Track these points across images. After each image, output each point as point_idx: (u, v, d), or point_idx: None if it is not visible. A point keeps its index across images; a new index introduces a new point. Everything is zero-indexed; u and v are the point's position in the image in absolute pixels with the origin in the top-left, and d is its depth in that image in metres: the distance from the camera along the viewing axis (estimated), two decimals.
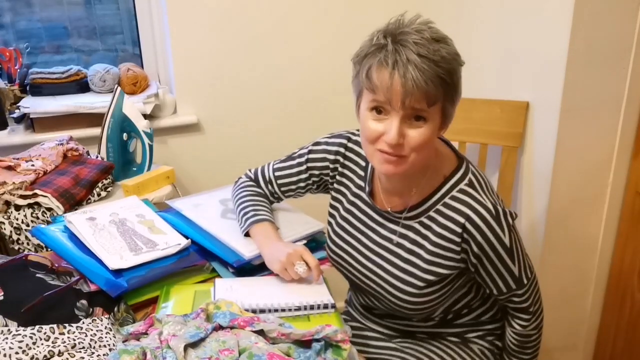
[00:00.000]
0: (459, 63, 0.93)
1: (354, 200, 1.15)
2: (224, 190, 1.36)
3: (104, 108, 1.68)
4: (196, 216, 1.22)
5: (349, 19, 1.98)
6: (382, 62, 0.91)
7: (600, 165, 1.54)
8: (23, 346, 0.80)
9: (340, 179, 1.18)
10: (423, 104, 0.90)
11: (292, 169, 1.22)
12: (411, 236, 1.07)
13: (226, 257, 1.09)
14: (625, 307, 1.63)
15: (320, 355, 0.79)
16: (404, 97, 0.89)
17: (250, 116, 2.01)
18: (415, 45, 0.88)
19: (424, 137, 0.93)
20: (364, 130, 0.99)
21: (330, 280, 1.09)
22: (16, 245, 1.31)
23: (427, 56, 0.88)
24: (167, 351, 0.77)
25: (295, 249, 1.05)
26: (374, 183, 1.12)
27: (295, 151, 1.24)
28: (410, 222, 1.07)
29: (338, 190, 1.19)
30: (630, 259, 1.59)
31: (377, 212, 1.11)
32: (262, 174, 1.26)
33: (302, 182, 1.22)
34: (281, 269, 1.04)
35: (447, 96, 0.93)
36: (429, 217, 1.04)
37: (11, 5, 1.89)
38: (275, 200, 1.28)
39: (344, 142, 1.16)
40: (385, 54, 0.91)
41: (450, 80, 0.91)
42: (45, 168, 1.48)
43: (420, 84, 0.88)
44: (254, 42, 1.92)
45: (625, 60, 1.44)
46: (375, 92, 0.93)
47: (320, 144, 1.20)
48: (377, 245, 1.11)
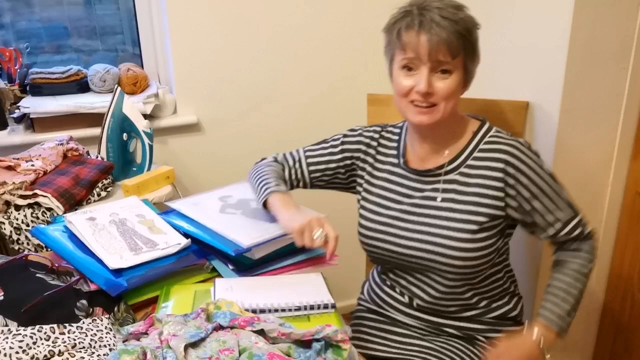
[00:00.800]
0: (475, 25, 1.08)
1: (389, 177, 1.22)
2: (223, 189, 1.36)
3: (104, 108, 1.68)
4: (195, 213, 1.22)
5: (350, 19, 1.99)
6: (409, 24, 1.06)
7: (600, 165, 1.54)
8: (23, 346, 0.80)
9: (373, 162, 1.25)
10: (447, 56, 1.04)
11: (324, 150, 1.29)
12: (455, 188, 1.13)
13: (225, 248, 1.09)
14: (625, 307, 1.63)
15: (321, 355, 0.79)
16: (430, 50, 1.03)
17: (250, 116, 2.01)
18: (437, 9, 1.04)
19: (450, 87, 1.07)
20: (397, 87, 1.12)
21: (331, 280, 1.09)
22: (16, 245, 1.31)
23: (449, 17, 1.03)
24: (167, 351, 0.77)
25: (319, 217, 1.07)
26: (407, 154, 1.21)
27: (328, 138, 1.31)
28: (451, 175, 1.14)
29: (372, 174, 1.25)
30: (630, 259, 1.59)
31: (415, 179, 1.18)
32: (291, 155, 1.31)
33: (333, 163, 1.27)
34: (299, 231, 1.05)
35: (467, 52, 1.07)
36: (469, 166, 1.13)
37: (11, 5, 1.89)
38: (295, 185, 1.30)
39: (379, 129, 1.27)
40: (412, 17, 1.05)
41: (469, 36, 1.06)
42: (45, 168, 1.48)
43: (443, 38, 1.02)
44: (254, 42, 1.92)
45: (625, 60, 1.44)
46: (406, 50, 1.07)
47: (356, 129, 1.29)
48: (421, 208, 1.15)
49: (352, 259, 1.80)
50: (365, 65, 2.06)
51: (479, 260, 1.12)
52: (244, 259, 1.11)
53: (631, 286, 1.60)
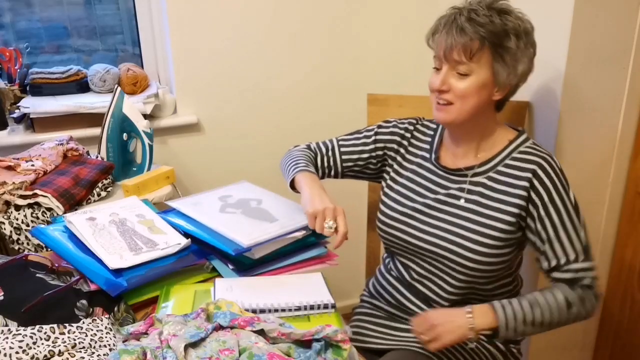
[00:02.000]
0: (515, 31, 1.06)
1: (417, 169, 1.23)
2: (223, 189, 1.36)
3: (104, 108, 1.68)
4: (195, 213, 1.22)
5: (350, 19, 1.98)
6: (438, 27, 1.10)
7: (600, 165, 1.54)
8: (23, 346, 0.80)
9: (404, 153, 1.27)
10: (462, 56, 1.05)
11: (358, 140, 1.30)
12: (480, 191, 1.13)
13: (225, 247, 1.09)
14: (625, 307, 1.63)
15: (321, 355, 0.79)
16: (445, 50, 1.07)
17: (250, 116, 2.01)
18: (468, 12, 1.06)
19: (466, 87, 1.07)
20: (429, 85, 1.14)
21: (331, 280, 1.09)
22: (16, 245, 1.31)
23: (475, 19, 1.04)
24: (167, 351, 0.77)
25: (336, 207, 1.08)
26: (441, 151, 1.22)
27: (362, 128, 1.32)
28: (479, 177, 1.14)
29: (401, 164, 1.26)
30: (630, 260, 1.59)
31: (442, 175, 1.19)
32: (324, 144, 1.32)
33: (366, 153, 1.29)
34: (312, 214, 1.07)
35: (496, 57, 1.06)
36: (498, 172, 1.13)
37: (11, 5, 1.89)
38: (327, 172, 1.31)
39: (414, 121, 1.29)
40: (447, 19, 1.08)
41: (496, 40, 1.05)
42: (45, 168, 1.48)
43: (458, 40, 1.04)
44: (254, 42, 1.93)
45: (625, 60, 1.44)
46: (435, 51, 1.11)
47: (390, 121, 1.30)
48: (444, 204, 1.16)
49: (352, 259, 1.80)
50: (366, 65, 2.06)
51: (492, 266, 1.12)
52: (244, 258, 1.10)
53: (631, 286, 1.60)
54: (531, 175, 1.08)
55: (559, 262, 1.08)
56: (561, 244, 1.07)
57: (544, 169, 1.08)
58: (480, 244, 1.10)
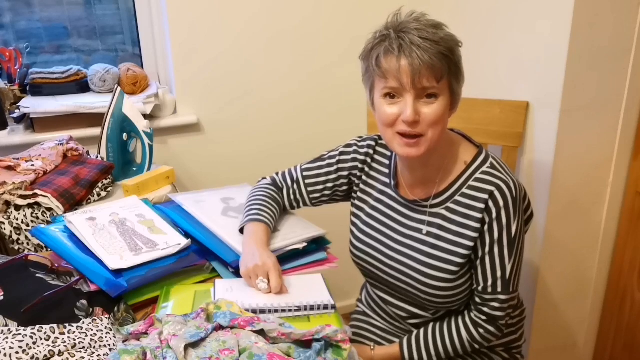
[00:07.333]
0: (456, 43, 1.01)
1: (380, 197, 1.19)
2: (226, 189, 1.36)
3: (104, 108, 1.68)
4: (197, 211, 1.22)
5: (350, 21, 1.98)
6: (388, 49, 0.98)
7: (600, 165, 1.54)
8: (23, 346, 0.80)
9: (366, 179, 1.22)
10: (432, 80, 0.97)
11: (321, 169, 1.25)
12: (439, 223, 1.09)
13: (225, 256, 1.09)
14: (625, 307, 1.63)
15: (321, 355, 0.79)
16: (413, 76, 0.96)
17: (250, 116, 2.01)
18: (416, 31, 0.96)
19: (437, 112, 0.99)
20: (380, 117, 1.04)
21: (331, 280, 1.09)
22: (16, 245, 1.31)
23: (428, 38, 0.96)
24: (167, 351, 0.77)
25: (264, 263, 1.00)
26: (399, 177, 1.16)
27: (325, 153, 1.26)
28: (437, 209, 1.10)
29: (364, 191, 1.22)
30: (630, 259, 1.59)
31: (404, 204, 1.15)
32: (290, 175, 1.27)
33: (330, 182, 1.24)
34: (245, 275, 1.02)
35: (452, 72, 0.99)
36: (455, 202, 1.08)
37: (11, 5, 1.89)
38: (296, 205, 1.28)
39: (372, 143, 1.21)
40: (390, 42, 0.98)
41: (452, 56, 0.98)
42: (45, 168, 1.47)
43: (426, 61, 0.95)
44: (254, 42, 1.92)
45: (625, 60, 1.44)
46: (387, 77, 0.99)
47: (351, 145, 1.23)
48: (406, 238, 1.13)
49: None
50: None
51: (460, 293, 1.10)
52: None
53: (631, 286, 1.60)
54: (483, 205, 1.04)
55: (477, 286, 1.09)
56: (483, 269, 1.07)
57: (494, 198, 1.03)
58: (443, 272, 1.08)
